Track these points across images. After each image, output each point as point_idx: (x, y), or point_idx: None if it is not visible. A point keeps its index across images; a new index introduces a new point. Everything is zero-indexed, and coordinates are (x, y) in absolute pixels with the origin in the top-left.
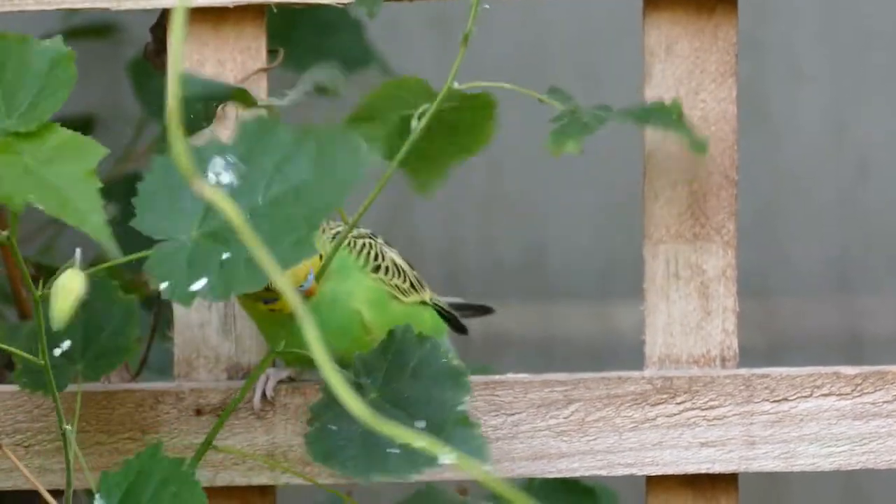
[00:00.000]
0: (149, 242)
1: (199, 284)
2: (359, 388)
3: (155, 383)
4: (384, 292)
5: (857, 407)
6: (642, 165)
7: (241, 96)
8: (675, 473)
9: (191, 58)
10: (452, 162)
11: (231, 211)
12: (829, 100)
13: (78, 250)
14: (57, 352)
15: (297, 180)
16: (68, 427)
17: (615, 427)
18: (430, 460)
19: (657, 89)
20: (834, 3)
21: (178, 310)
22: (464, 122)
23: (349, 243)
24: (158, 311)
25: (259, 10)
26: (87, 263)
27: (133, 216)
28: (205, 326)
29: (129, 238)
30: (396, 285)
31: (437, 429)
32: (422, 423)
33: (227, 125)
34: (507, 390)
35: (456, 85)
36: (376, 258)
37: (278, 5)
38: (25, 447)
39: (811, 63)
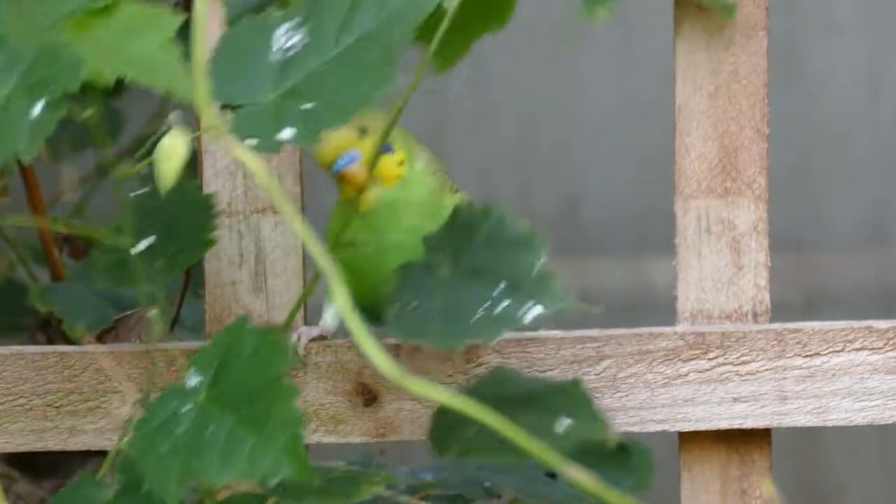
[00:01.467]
0: None
1: (286, 133)
2: (429, 268)
3: (187, 342)
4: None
5: (890, 361)
6: (673, 120)
7: None
8: (708, 429)
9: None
10: (477, 36)
11: (261, 172)
12: (864, 54)
13: (177, 112)
14: (142, 245)
15: (363, 30)
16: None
17: (647, 383)
18: (514, 319)
19: (687, 44)
20: None
21: (210, 268)
22: None
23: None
24: (190, 270)
25: None
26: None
27: None
28: (236, 284)
29: None
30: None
31: (516, 288)
32: (502, 284)
33: None
34: (539, 347)
35: None
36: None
37: None
38: (56, 408)
39: (845, 17)
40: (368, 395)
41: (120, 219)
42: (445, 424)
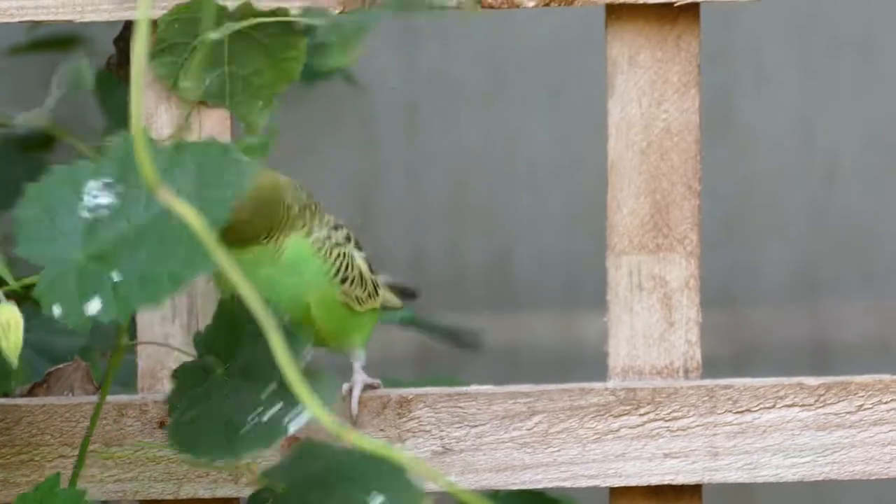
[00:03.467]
0: None
1: (93, 307)
2: (204, 369)
3: (119, 396)
4: (339, 302)
5: (821, 418)
6: (605, 175)
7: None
8: (639, 485)
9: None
10: (275, 90)
11: (194, 220)
12: (797, 107)
13: None
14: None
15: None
16: None
17: (578, 438)
18: (281, 431)
19: (620, 100)
20: (800, 11)
21: (142, 321)
22: (277, 46)
23: (326, 250)
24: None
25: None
26: None
27: None
28: (168, 339)
29: None
30: (356, 297)
31: (284, 392)
32: (265, 393)
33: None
34: (471, 402)
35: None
36: (346, 269)
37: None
38: None
39: (778, 70)
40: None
41: None
42: None
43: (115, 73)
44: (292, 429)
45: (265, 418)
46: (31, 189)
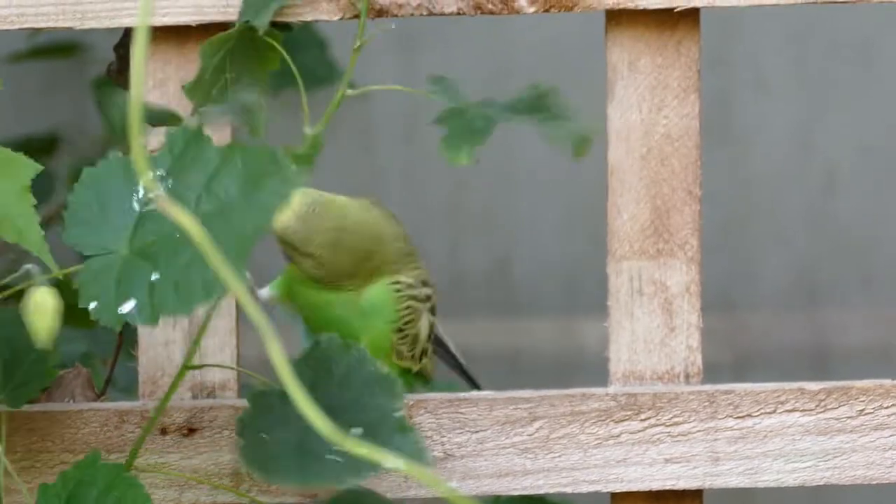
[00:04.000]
0: None
1: (127, 306)
2: (284, 396)
3: (120, 402)
4: (386, 349)
5: (821, 422)
6: (605, 181)
7: (173, 120)
8: (640, 490)
9: (154, 76)
10: (262, 82)
11: (192, 227)
12: (796, 114)
13: (31, 266)
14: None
15: (225, 199)
16: None
17: (580, 444)
18: (373, 466)
19: (620, 106)
20: (799, 18)
21: (143, 329)
22: (259, 43)
23: (403, 296)
24: (123, 330)
25: (222, 29)
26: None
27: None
28: (169, 345)
29: None
30: (400, 351)
31: (373, 434)
32: (358, 430)
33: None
34: (472, 407)
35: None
36: (408, 324)
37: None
38: None
39: (777, 77)
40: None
41: None
42: None
43: (115, 80)
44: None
45: (356, 451)
46: (87, 174)
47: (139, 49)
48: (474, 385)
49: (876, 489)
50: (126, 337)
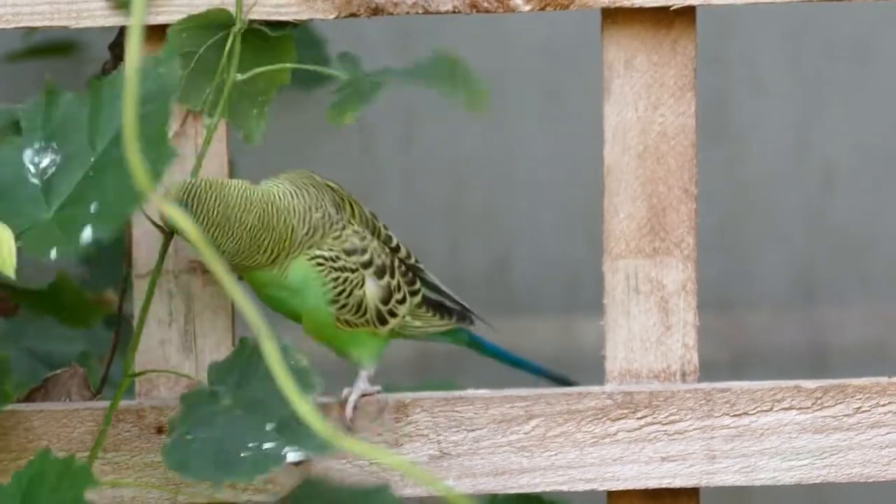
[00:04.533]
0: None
1: (85, 234)
2: (213, 395)
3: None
4: (330, 321)
5: (818, 420)
6: (601, 180)
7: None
8: (637, 488)
9: None
10: (267, 96)
11: (187, 226)
12: (793, 112)
13: None
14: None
15: (116, 126)
16: None
17: (576, 442)
18: (278, 460)
19: (616, 104)
20: (796, 17)
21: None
22: (268, 52)
23: (325, 270)
24: (119, 330)
25: None
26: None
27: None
28: (165, 344)
29: (105, 258)
30: (346, 320)
31: (284, 428)
32: (272, 425)
33: (186, 141)
34: (468, 406)
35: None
36: (342, 294)
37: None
38: None
39: (774, 76)
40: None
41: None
42: None
43: None
44: (290, 458)
45: (264, 447)
46: None
47: (133, 48)
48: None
49: (873, 487)
50: (122, 336)
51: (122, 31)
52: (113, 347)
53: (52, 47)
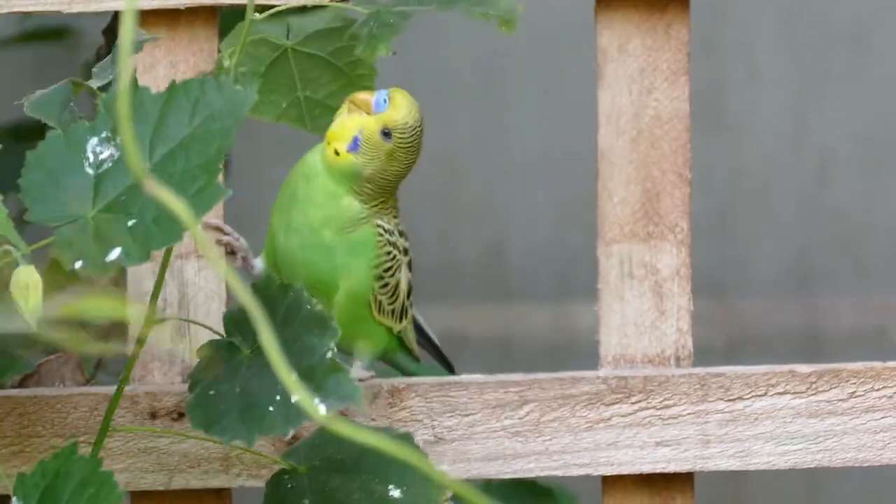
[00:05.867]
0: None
1: (113, 254)
2: (231, 346)
3: (108, 387)
4: (366, 298)
5: (812, 405)
6: (595, 165)
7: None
8: (631, 473)
9: (143, 60)
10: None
11: (179, 208)
12: (788, 100)
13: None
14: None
15: (178, 137)
16: None
17: (570, 427)
18: (305, 415)
19: (610, 89)
20: (791, 4)
21: (132, 315)
22: (346, 65)
23: (382, 244)
24: None
25: (211, 11)
26: None
27: None
28: (159, 329)
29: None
30: (381, 301)
31: (308, 378)
32: (293, 376)
33: None
34: (462, 391)
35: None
36: (388, 272)
37: (230, 6)
38: None
39: (769, 64)
40: (293, 438)
41: None
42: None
43: None
44: (322, 410)
45: (292, 399)
46: (31, 156)
47: (126, 31)
48: (450, 369)
49: (867, 471)
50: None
51: (115, 15)
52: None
53: (46, 33)
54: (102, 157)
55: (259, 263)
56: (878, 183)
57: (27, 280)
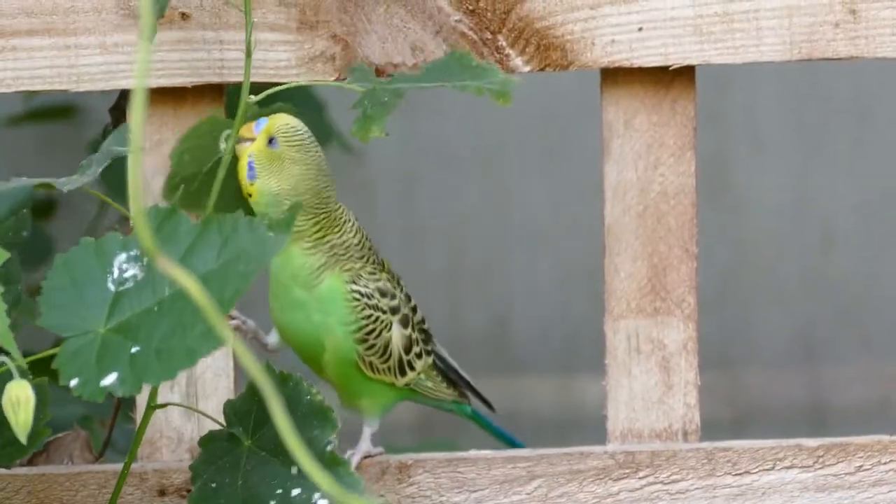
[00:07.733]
0: None
1: (109, 379)
2: (232, 438)
3: (117, 464)
4: (353, 359)
5: (820, 479)
6: (602, 239)
7: (44, 185)
8: None
9: (151, 138)
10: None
11: (194, 288)
12: (792, 171)
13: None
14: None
15: (203, 269)
16: None
17: (578, 502)
18: None
19: (616, 164)
20: (795, 76)
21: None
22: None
23: (360, 306)
24: None
25: (218, 90)
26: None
27: None
28: (167, 407)
29: None
30: (370, 363)
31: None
32: (295, 469)
33: None
34: (470, 467)
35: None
36: (372, 334)
37: (237, 84)
38: None
39: (774, 135)
40: None
41: None
42: None
43: None
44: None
45: (292, 493)
46: (59, 259)
47: (137, 111)
48: (487, 404)
49: None
50: (124, 399)
51: (122, 94)
52: (115, 410)
53: (53, 110)
54: (126, 275)
55: (272, 338)
56: (880, 253)
57: (18, 394)
